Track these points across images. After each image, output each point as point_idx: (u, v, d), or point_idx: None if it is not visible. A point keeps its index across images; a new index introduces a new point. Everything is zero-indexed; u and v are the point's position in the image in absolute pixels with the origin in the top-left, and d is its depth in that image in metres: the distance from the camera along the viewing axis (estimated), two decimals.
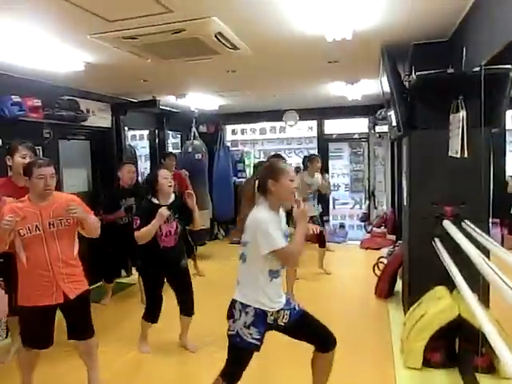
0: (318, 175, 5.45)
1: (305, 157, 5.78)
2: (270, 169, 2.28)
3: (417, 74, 3.18)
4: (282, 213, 2.40)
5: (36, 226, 2.62)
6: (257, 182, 2.30)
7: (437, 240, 3.37)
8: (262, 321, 2.27)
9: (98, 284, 5.08)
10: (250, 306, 2.24)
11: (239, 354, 2.29)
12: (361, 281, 5.55)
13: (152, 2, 2.41)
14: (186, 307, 3.57)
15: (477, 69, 2.74)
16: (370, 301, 4.81)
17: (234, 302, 2.30)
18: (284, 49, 3.59)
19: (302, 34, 3.18)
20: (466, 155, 2.92)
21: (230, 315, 2.29)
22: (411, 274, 3.79)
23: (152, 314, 3.54)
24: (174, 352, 3.66)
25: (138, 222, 3.23)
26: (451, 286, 2.96)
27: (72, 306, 2.74)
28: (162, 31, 2.82)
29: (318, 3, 2.59)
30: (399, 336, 3.59)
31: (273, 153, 8.56)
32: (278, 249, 2.14)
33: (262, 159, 8.73)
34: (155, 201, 3.37)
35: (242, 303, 2.26)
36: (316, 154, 6.53)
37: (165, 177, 3.39)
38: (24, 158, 3.19)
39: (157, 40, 3.01)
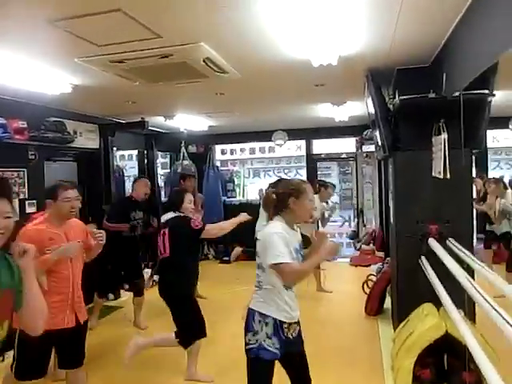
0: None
1: (319, 181, 5.98)
2: (293, 187, 2.31)
3: (400, 97, 3.30)
4: (298, 230, 2.42)
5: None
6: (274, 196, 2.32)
7: (423, 258, 3.45)
8: (281, 332, 2.26)
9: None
10: (269, 316, 2.24)
11: (264, 368, 2.24)
12: (351, 298, 5.59)
13: (141, 28, 2.48)
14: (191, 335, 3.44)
15: (456, 94, 2.87)
16: (360, 318, 4.85)
17: (251, 312, 2.29)
18: (272, 73, 3.70)
19: (289, 58, 3.29)
20: (448, 176, 3.02)
21: (249, 328, 2.27)
22: (399, 291, 3.85)
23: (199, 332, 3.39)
24: None
25: (201, 222, 3.35)
26: (439, 302, 3.02)
27: (76, 331, 2.69)
28: (149, 56, 2.90)
29: (304, 30, 2.70)
30: (389, 353, 3.62)
31: (262, 172, 8.85)
32: (279, 263, 2.13)
33: (251, 178, 8.86)
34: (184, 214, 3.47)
35: (260, 313, 2.25)
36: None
37: (189, 201, 3.50)
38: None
39: (144, 64, 3.08)
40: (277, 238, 2.18)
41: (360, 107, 5.54)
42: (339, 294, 5.88)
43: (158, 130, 7.08)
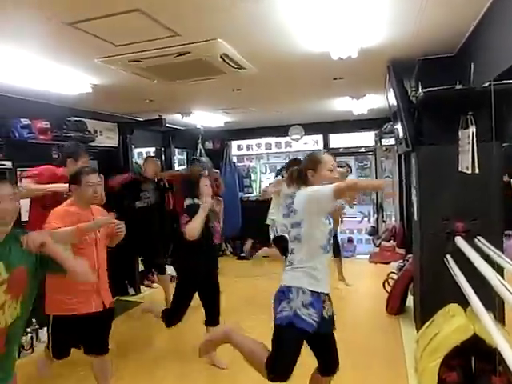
0: None
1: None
2: (309, 160, 2.38)
3: (424, 90, 3.16)
4: None
5: None
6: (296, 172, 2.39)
7: (448, 256, 3.31)
8: (319, 302, 2.23)
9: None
10: (305, 288, 2.21)
11: (296, 338, 2.19)
12: (371, 296, 5.47)
13: (159, 27, 2.43)
14: (213, 318, 3.60)
15: (486, 84, 2.72)
16: (381, 317, 4.73)
17: (284, 288, 2.26)
18: (289, 67, 3.60)
19: (307, 52, 3.19)
20: (477, 171, 2.88)
21: (282, 297, 2.23)
22: (423, 291, 3.73)
23: (172, 318, 3.54)
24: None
25: (188, 218, 3.30)
26: (465, 303, 2.90)
27: (103, 316, 2.74)
28: (167, 54, 2.85)
29: (323, 22, 2.60)
30: (412, 354, 3.51)
31: (279, 167, 8.72)
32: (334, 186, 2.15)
33: (268, 174, 8.76)
34: (198, 202, 3.46)
35: (295, 287, 2.23)
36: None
37: (206, 185, 3.51)
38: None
39: (162, 62, 3.04)
40: (317, 187, 2.24)
41: (380, 100, 5.39)
42: (359, 291, 5.76)
43: (175, 127, 7.03)
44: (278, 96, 5.00)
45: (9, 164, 3.82)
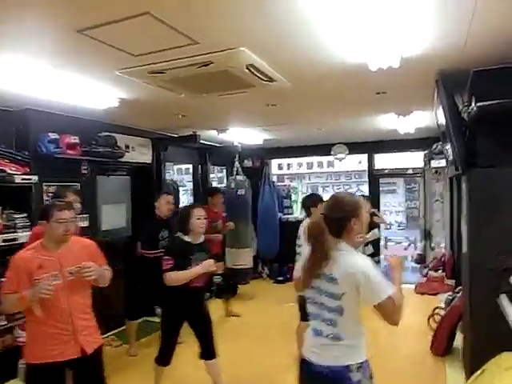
0: None
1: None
2: (349, 205, 2.00)
3: (478, 104, 2.77)
4: None
5: (55, 274, 2.43)
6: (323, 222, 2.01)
7: (503, 297, 2.87)
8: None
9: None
10: (361, 361, 1.98)
11: None
12: (415, 333, 4.95)
13: (174, 34, 2.25)
14: (208, 350, 3.32)
15: None
16: (425, 358, 4.25)
17: (342, 368, 1.95)
18: (325, 80, 3.32)
19: (343, 62, 2.89)
20: None
21: (347, 379, 1.94)
22: (473, 334, 3.27)
23: (165, 356, 3.29)
24: None
25: (171, 262, 3.03)
26: None
27: (87, 361, 2.51)
28: (188, 64, 2.66)
29: (359, 29, 2.31)
30: None
31: (321, 187, 8.42)
32: (389, 296, 1.87)
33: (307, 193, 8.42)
34: (187, 239, 3.20)
35: (354, 364, 1.96)
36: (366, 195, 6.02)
37: (198, 217, 3.21)
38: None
39: (185, 74, 2.86)
40: (373, 269, 1.91)
41: (428, 117, 5.00)
42: (401, 326, 5.21)
43: (211, 143, 6.91)
44: (316, 112, 4.71)
45: (35, 179, 3.76)
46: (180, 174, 8.42)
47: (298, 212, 8.49)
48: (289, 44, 2.54)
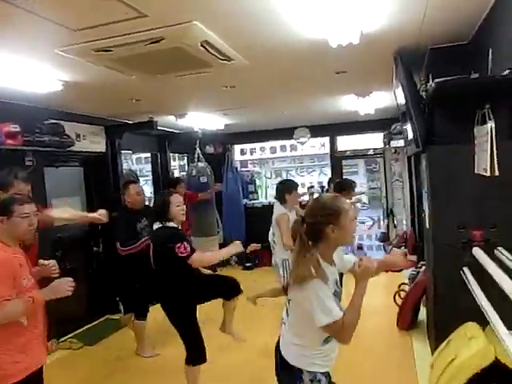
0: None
1: (337, 182, 5.16)
2: (327, 210, 1.80)
3: (435, 80, 2.78)
4: (336, 260, 1.95)
5: (29, 272, 2.27)
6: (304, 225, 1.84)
7: (466, 269, 2.93)
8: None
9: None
10: (315, 372, 1.86)
11: None
12: (381, 309, 5.05)
13: (120, 5, 2.07)
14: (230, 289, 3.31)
15: (506, 72, 2.35)
16: (391, 333, 4.36)
17: (296, 371, 1.86)
18: (284, 58, 3.24)
19: (303, 39, 2.83)
20: (496, 173, 2.49)
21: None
22: (437, 307, 3.34)
23: (202, 352, 3.08)
24: None
25: (188, 245, 2.88)
26: (484, 322, 2.52)
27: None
28: (137, 41, 2.49)
29: (319, 3, 2.25)
30: (426, 376, 3.12)
31: (284, 172, 8.36)
32: (334, 321, 1.73)
33: (273, 179, 8.38)
34: (174, 224, 3.04)
35: (308, 372, 1.86)
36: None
37: (177, 204, 3.06)
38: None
39: (134, 52, 2.67)
40: (322, 288, 1.74)
41: (387, 98, 5.03)
42: (367, 303, 5.28)
43: (170, 130, 6.72)
44: (276, 93, 4.64)
45: None
46: (140, 163, 8.16)
47: (262, 197, 8.47)
48: (245, 19, 2.44)
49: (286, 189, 4.19)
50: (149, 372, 3.89)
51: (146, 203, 4.53)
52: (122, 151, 5.72)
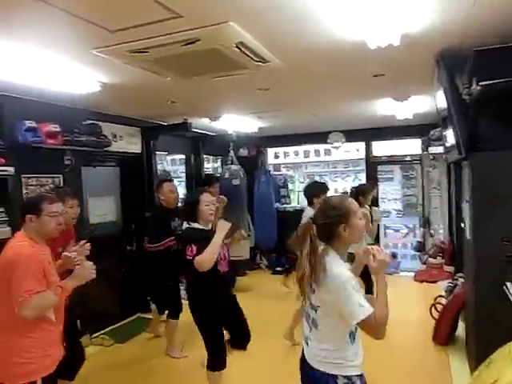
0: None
1: (354, 187, 5.14)
2: (338, 210, 1.87)
3: (481, 83, 2.62)
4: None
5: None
6: (314, 226, 1.89)
7: (509, 284, 2.75)
8: None
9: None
10: (350, 375, 1.84)
11: None
12: (416, 322, 4.87)
13: (155, 5, 2.05)
14: (243, 339, 3.16)
15: None
16: (427, 348, 4.16)
17: (330, 378, 1.84)
18: (320, 60, 3.15)
19: (339, 41, 2.73)
20: None
21: None
22: (478, 323, 3.17)
23: (222, 358, 3.02)
24: None
25: (195, 248, 2.78)
26: None
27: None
28: (172, 42, 2.47)
29: (357, 3, 2.15)
30: None
31: (317, 176, 8.23)
32: (370, 315, 1.74)
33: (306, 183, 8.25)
34: (198, 226, 2.97)
35: (343, 376, 1.84)
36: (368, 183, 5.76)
37: (206, 203, 2.99)
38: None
39: (170, 53, 2.66)
40: (351, 283, 1.76)
41: (426, 102, 4.87)
42: (401, 315, 5.09)
43: (205, 132, 6.73)
44: (311, 96, 4.53)
45: (11, 170, 3.53)
46: (174, 164, 8.24)
47: (295, 201, 8.36)
48: (281, 19, 2.36)
49: (312, 192, 4.14)
50: (174, 373, 3.89)
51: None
52: (158, 152, 5.79)
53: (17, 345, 2.13)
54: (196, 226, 2.96)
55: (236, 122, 5.84)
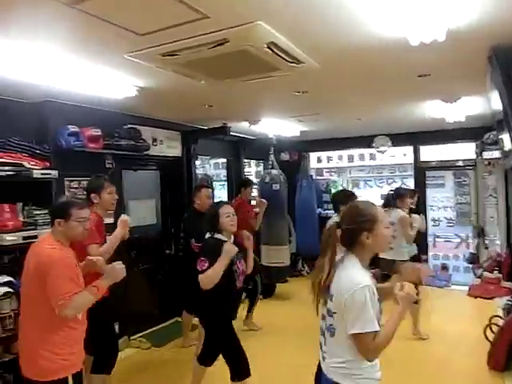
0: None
1: (391, 190, 4.95)
2: (362, 216, 1.81)
3: None
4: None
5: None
6: (338, 231, 1.84)
7: None
8: None
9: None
10: None
11: None
12: (469, 343, 4.46)
13: (181, 6, 1.97)
14: (242, 369, 3.02)
15: None
16: (481, 373, 3.78)
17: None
18: (359, 61, 2.96)
19: (379, 39, 2.52)
20: None
21: None
22: None
23: (245, 365, 2.98)
24: None
25: (207, 264, 2.78)
26: None
27: None
28: (201, 44, 2.39)
29: None
30: None
31: (362, 181, 7.94)
32: (368, 332, 1.68)
33: (350, 189, 7.96)
34: (221, 237, 2.95)
35: None
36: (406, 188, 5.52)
37: (227, 215, 2.96)
38: (111, 193, 3.24)
39: (200, 55, 2.58)
40: (366, 294, 1.68)
41: (479, 104, 4.52)
42: (453, 333, 4.75)
43: (245, 136, 6.66)
44: (352, 99, 4.31)
45: (55, 173, 3.59)
46: (217, 168, 8.24)
47: None
48: (314, 17, 2.20)
49: (339, 199, 3.97)
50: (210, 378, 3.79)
51: None
52: (200, 156, 5.83)
53: (49, 341, 2.21)
54: (219, 236, 2.94)
55: (276, 126, 5.72)
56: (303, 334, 4.44)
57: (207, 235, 3.00)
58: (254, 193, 6.19)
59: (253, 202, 5.86)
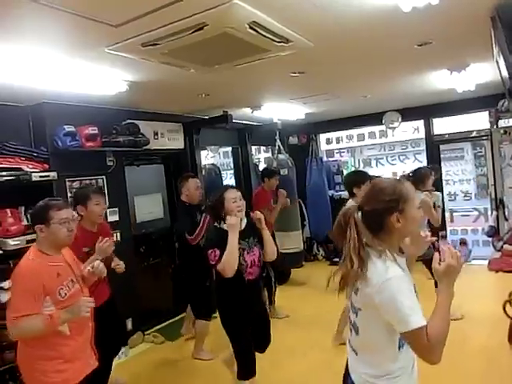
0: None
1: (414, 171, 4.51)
2: (391, 196, 1.53)
3: None
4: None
5: (71, 280, 2.23)
6: (358, 214, 1.56)
7: None
8: None
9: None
10: None
11: None
12: (489, 320, 4.32)
13: None
14: (264, 346, 3.04)
15: None
16: (501, 350, 3.65)
17: None
18: (352, 34, 2.79)
19: (369, 8, 2.37)
20: None
21: None
22: None
23: (250, 366, 2.85)
24: None
25: (218, 252, 2.64)
26: None
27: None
28: (179, 29, 2.27)
29: None
30: None
31: (374, 159, 7.74)
32: (417, 328, 1.42)
33: (362, 168, 7.78)
34: (225, 227, 2.75)
35: None
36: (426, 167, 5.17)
37: (233, 200, 2.77)
38: (98, 204, 3.04)
39: (183, 43, 2.46)
40: (401, 287, 1.46)
41: (489, 70, 4.27)
42: (473, 310, 4.59)
43: (250, 123, 6.54)
44: (353, 75, 4.13)
45: (54, 175, 3.55)
46: (226, 157, 8.18)
47: None
48: None
49: (352, 181, 3.79)
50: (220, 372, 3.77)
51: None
52: (207, 146, 5.70)
53: (34, 356, 2.12)
54: (224, 227, 2.75)
55: (280, 110, 5.58)
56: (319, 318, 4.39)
57: (214, 225, 2.85)
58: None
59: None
